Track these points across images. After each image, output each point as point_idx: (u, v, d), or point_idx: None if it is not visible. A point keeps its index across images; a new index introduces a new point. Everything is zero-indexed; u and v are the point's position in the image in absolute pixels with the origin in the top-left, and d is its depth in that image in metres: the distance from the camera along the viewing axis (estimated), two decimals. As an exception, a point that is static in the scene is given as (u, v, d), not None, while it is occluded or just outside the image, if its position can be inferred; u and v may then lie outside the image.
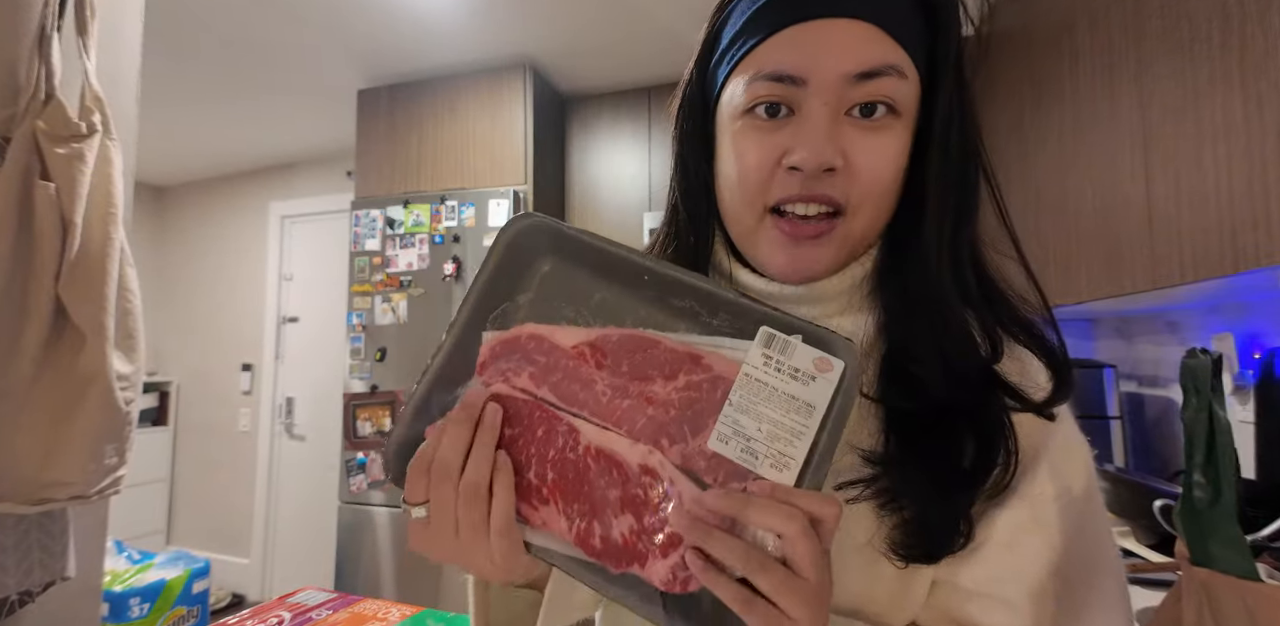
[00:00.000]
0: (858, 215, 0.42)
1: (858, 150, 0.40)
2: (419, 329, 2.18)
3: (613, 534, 0.36)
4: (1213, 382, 0.66)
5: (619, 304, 0.39)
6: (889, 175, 0.41)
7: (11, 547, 0.78)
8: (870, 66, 0.39)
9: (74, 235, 0.80)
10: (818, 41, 0.39)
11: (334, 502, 2.24)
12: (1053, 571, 0.40)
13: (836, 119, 0.40)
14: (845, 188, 0.41)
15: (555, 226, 0.40)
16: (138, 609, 1.51)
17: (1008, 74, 1.64)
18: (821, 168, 0.39)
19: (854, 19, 0.39)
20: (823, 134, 0.39)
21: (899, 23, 0.40)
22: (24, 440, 0.76)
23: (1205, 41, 0.91)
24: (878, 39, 0.39)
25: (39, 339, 0.78)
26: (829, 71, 0.39)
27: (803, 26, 0.40)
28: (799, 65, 0.39)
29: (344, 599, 0.79)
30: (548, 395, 0.38)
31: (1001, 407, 0.40)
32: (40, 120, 0.80)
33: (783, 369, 0.35)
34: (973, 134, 0.43)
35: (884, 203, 0.42)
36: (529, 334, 0.39)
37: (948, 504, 0.39)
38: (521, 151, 2.22)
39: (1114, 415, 1.56)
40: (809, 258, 0.42)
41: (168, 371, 3.54)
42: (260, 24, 2.03)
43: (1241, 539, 0.66)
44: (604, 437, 0.37)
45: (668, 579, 0.34)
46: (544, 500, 0.37)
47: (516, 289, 0.41)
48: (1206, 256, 0.91)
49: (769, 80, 0.40)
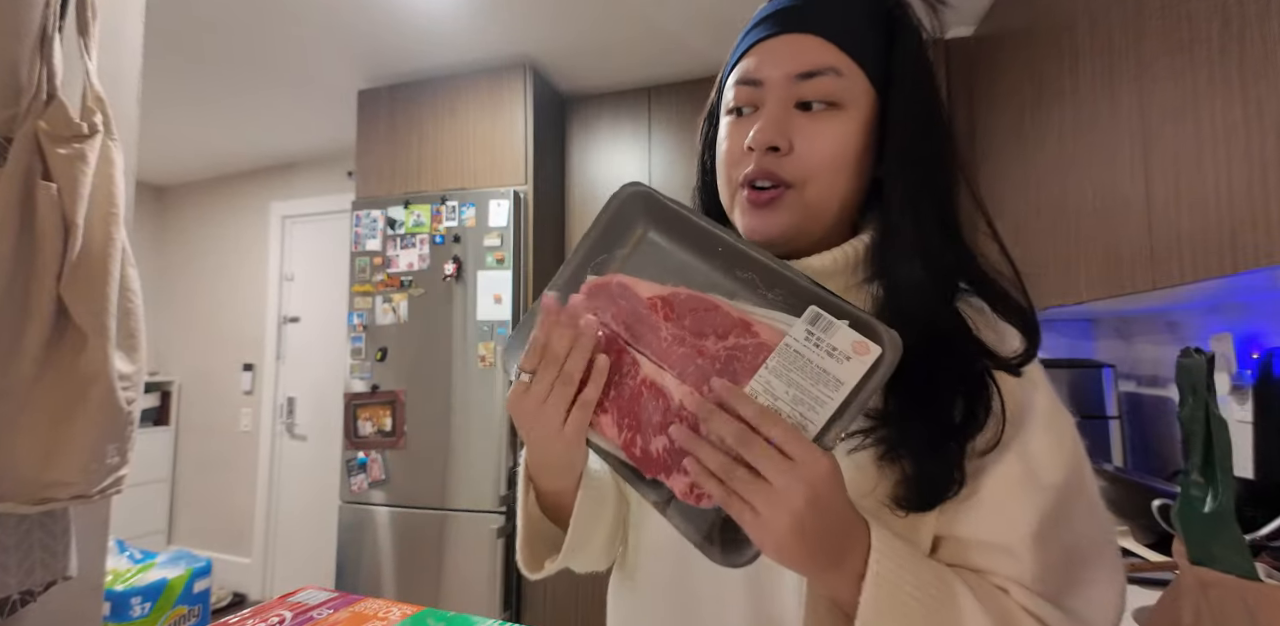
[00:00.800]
0: (806, 187, 0.50)
1: (801, 135, 0.49)
2: (419, 329, 2.19)
3: (650, 447, 0.44)
4: (1207, 382, 0.66)
5: (693, 268, 0.47)
6: (831, 153, 0.49)
7: (13, 547, 0.79)
8: (809, 68, 0.49)
9: (76, 235, 0.80)
10: (773, 52, 0.50)
11: (335, 502, 2.24)
12: (1048, 521, 0.44)
13: (786, 110, 0.49)
14: (789, 165, 0.49)
15: (655, 196, 0.48)
16: (139, 608, 1.51)
17: (1008, 74, 1.64)
18: (765, 146, 0.49)
19: (802, 33, 0.50)
20: (771, 121, 0.49)
21: (844, 34, 0.49)
22: (25, 440, 0.77)
23: (1205, 43, 0.91)
24: (819, 47, 0.49)
25: (41, 339, 0.78)
26: (777, 73, 0.50)
27: (765, 42, 0.51)
28: (758, 71, 0.51)
29: (345, 598, 0.79)
30: (622, 331, 0.47)
31: (986, 370, 0.46)
32: (42, 120, 0.80)
33: (821, 345, 0.40)
34: (930, 123, 0.50)
35: (833, 177, 0.50)
36: (618, 282, 0.48)
37: (941, 453, 0.44)
38: (522, 151, 2.22)
39: (1113, 415, 1.56)
40: (764, 218, 0.51)
41: (169, 371, 3.54)
42: (261, 24, 2.03)
43: (1240, 538, 0.66)
44: (658, 374, 0.45)
45: (685, 491, 0.43)
46: (604, 410, 0.46)
47: (616, 244, 0.50)
48: (1206, 257, 0.91)
49: (741, 84, 0.52)
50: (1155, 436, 1.60)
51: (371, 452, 2.19)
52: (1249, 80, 0.83)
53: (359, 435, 2.21)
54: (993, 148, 1.75)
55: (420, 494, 2.13)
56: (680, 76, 2.35)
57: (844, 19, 0.50)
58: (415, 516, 2.13)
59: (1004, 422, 0.45)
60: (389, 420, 2.18)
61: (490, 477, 2.06)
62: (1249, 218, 0.83)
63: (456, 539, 2.07)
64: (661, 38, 2.10)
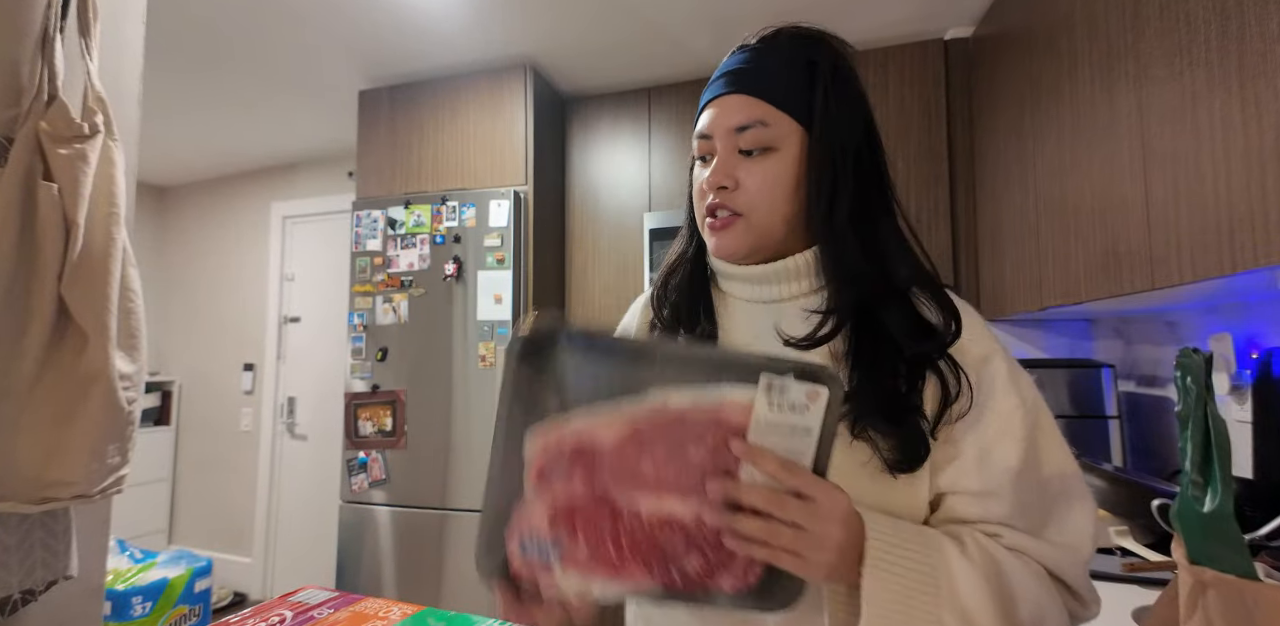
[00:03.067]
0: (752, 215, 0.61)
1: (745, 174, 0.61)
2: (420, 329, 2.19)
3: (687, 569, 0.48)
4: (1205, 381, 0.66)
5: (634, 375, 0.48)
6: (765, 187, 0.61)
7: (14, 546, 0.79)
8: (741, 122, 0.61)
9: (76, 235, 0.80)
10: (717, 111, 0.63)
11: (335, 502, 2.24)
12: (1024, 467, 0.55)
13: (732, 156, 0.62)
14: (737, 199, 0.61)
15: (542, 337, 0.48)
16: (140, 607, 1.51)
17: (1007, 74, 1.64)
18: (715, 186, 0.62)
19: (737, 94, 0.62)
20: (719, 166, 0.62)
21: (769, 90, 0.61)
22: (26, 440, 0.77)
23: (1204, 44, 0.91)
24: (752, 104, 0.61)
25: (42, 339, 0.78)
26: (721, 128, 0.62)
27: (714, 102, 0.64)
28: (709, 127, 0.63)
29: (345, 598, 0.79)
30: (604, 489, 0.48)
31: (939, 350, 0.56)
32: (43, 121, 0.81)
33: (783, 407, 0.46)
34: (843, 149, 0.60)
35: (771, 205, 0.61)
36: (572, 438, 0.47)
37: (901, 423, 0.54)
38: (522, 152, 2.22)
39: (1112, 415, 1.56)
40: (725, 240, 0.63)
41: (170, 371, 3.54)
42: (261, 25, 2.03)
43: (1239, 538, 0.66)
44: (660, 505, 0.47)
45: (734, 583, 0.48)
46: (625, 560, 0.47)
47: (537, 399, 0.48)
48: (1205, 256, 0.91)
49: (699, 138, 0.65)
50: (1154, 436, 1.60)
51: (372, 452, 2.19)
52: (1247, 80, 0.83)
53: (359, 435, 2.21)
54: (992, 148, 1.75)
55: (421, 493, 2.13)
56: (680, 76, 2.36)
57: (770, 77, 0.61)
58: (416, 516, 2.13)
59: (971, 391, 0.56)
60: (389, 420, 2.18)
61: (490, 477, 2.06)
62: (1248, 217, 0.83)
63: (457, 539, 2.08)
64: (661, 38, 2.10)
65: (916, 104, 1.98)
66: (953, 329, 0.57)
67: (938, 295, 0.59)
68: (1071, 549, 0.55)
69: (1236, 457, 1.10)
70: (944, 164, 1.93)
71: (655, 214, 2.28)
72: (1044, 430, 0.57)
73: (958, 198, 1.92)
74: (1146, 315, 1.60)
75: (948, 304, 0.59)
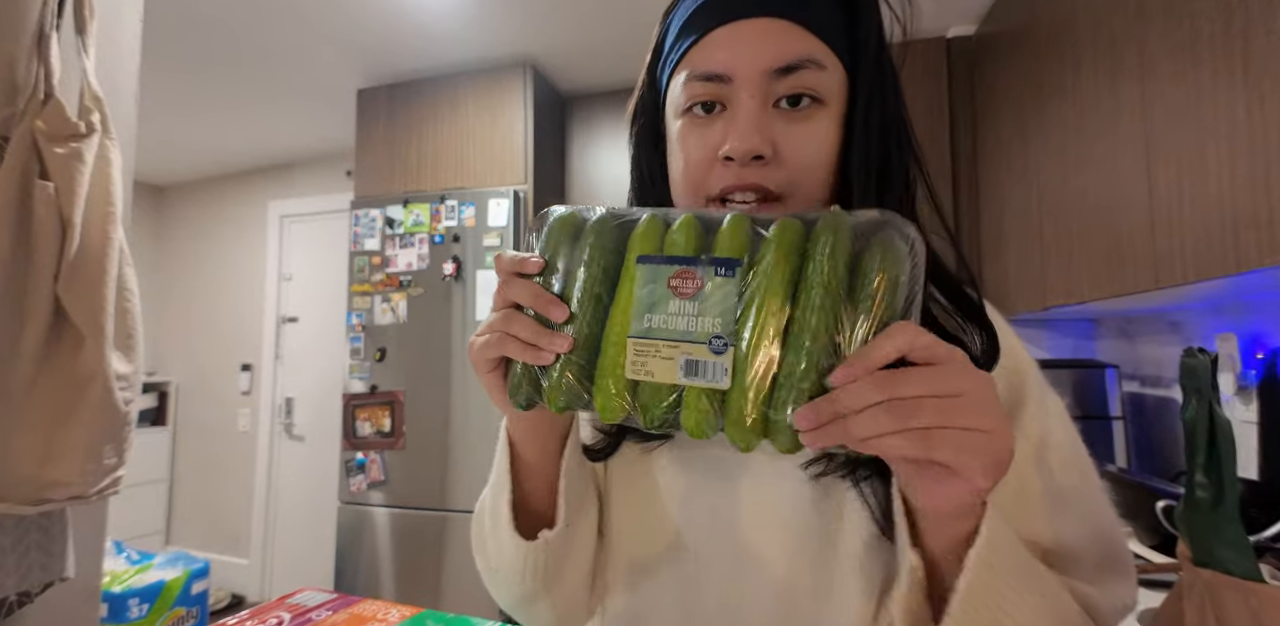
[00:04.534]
0: (792, 199, 0.44)
1: (785, 139, 0.43)
2: (419, 329, 2.18)
3: None
4: (1211, 382, 0.66)
5: None
6: (817, 160, 0.44)
7: (10, 548, 0.78)
8: (789, 61, 0.42)
9: (73, 235, 0.80)
10: (740, 40, 0.43)
11: (333, 503, 2.24)
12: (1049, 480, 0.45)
13: (764, 111, 0.43)
14: (776, 175, 0.43)
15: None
16: (137, 609, 1.50)
17: (1010, 73, 1.63)
18: (749, 155, 0.42)
19: (773, 17, 0.43)
20: (751, 125, 0.42)
21: (817, 17, 0.43)
22: (23, 440, 0.76)
23: (1208, 41, 0.91)
24: (796, 34, 0.43)
25: (38, 339, 0.77)
26: (751, 68, 0.42)
27: (728, 27, 0.44)
28: (725, 64, 0.43)
29: (343, 599, 0.79)
30: None
31: None
32: (39, 120, 0.80)
33: None
34: (894, 116, 0.45)
35: (816, 186, 0.45)
36: None
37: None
38: (521, 151, 2.22)
39: (1116, 415, 1.56)
40: None
41: (167, 371, 3.53)
42: (259, 23, 2.02)
43: (1244, 539, 0.66)
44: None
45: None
46: None
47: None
48: (1209, 256, 0.91)
49: (701, 80, 0.44)
50: (1159, 437, 1.60)
51: (370, 453, 2.18)
52: (1253, 77, 0.83)
53: (358, 435, 2.20)
54: (995, 147, 1.75)
55: (419, 494, 2.12)
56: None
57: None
58: (414, 517, 2.12)
59: None
60: (388, 420, 2.18)
61: (490, 478, 2.06)
62: (1253, 216, 0.83)
63: (456, 540, 2.07)
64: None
65: (919, 102, 1.98)
66: (989, 344, 0.44)
67: (973, 309, 0.45)
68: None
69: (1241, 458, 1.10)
70: (946, 162, 1.93)
71: (655, 213, 2.27)
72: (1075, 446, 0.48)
73: (960, 196, 1.91)
74: (1150, 315, 1.60)
75: (984, 320, 0.45)
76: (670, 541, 0.51)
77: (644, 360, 0.36)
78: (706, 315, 0.35)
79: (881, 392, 0.30)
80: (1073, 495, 0.46)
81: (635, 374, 0.36)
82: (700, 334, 0.35)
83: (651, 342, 0.36)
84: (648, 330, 0.36)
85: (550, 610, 0.52)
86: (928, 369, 0.30)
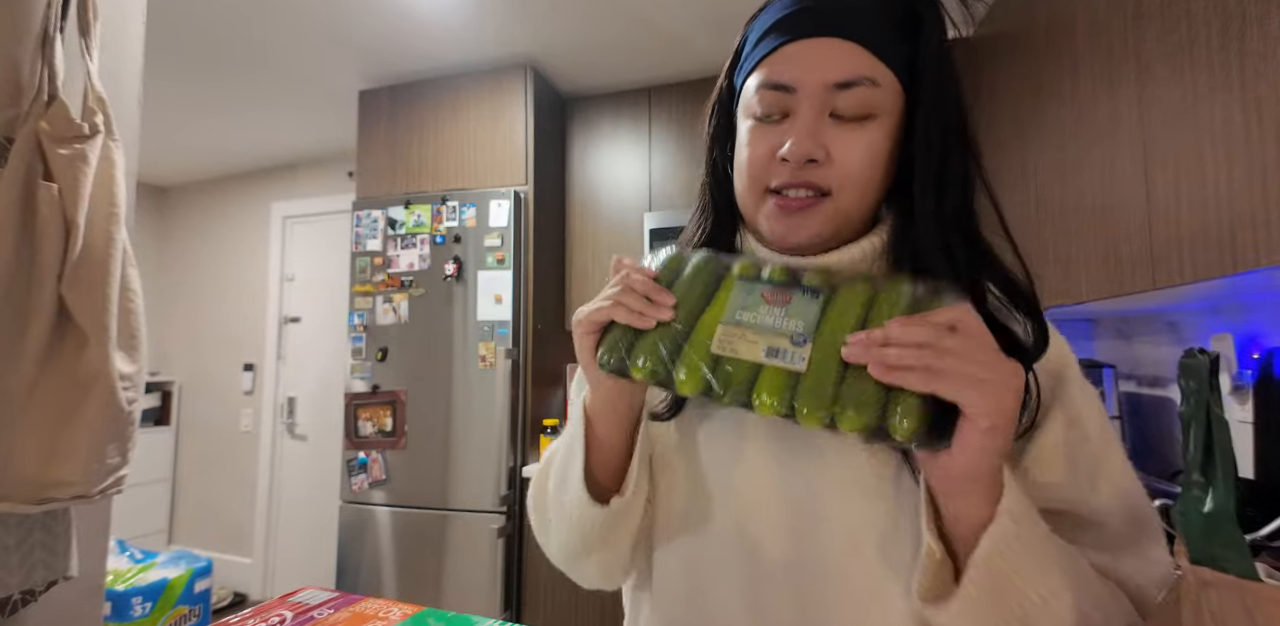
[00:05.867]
0: (841, 195, 0.50)
1: (838, 145, 0.49)
2: (420, 329, 2.19)
3: None
4: (1210, 382, 0.66)
5: None
6: (865, 163, 0.49)
7: (14, 547, 0.79)
8: (846, 78, 0.48)
9: (76, 235, 0.80)
10: (807, 57, 0.49)
11: (335, 502, 2.24)
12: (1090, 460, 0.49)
13: (821, 119, 0.49)
14: (828, 174, 0.49)
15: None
16: (140, 608, 1.51)
17: (1008, 75, 1.64)
18: (803, 159, 0.48)
19: (837, 38, 0.48)
20: (807, 132, 0.48)
21: (878, 38, 0.48)
22: (26, 440, 0.77)
23: (1205, 43, 0.91)
24: (856, 54, 0.48)
25: (41, 339, 0.78)
26: (814, 82, 0.48)
27: (797, 44, 0.49)
28: (791, 77, 0.49)
29: (345, 598, 0.79)
30: None
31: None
32: (43, 121, 0.80)
33: None
34: (954, 125, 0.49)
35: (866, 185, 0.50)
36: None
37: None
38: (522, 152, 2.22)
39: (1114, 415, 1.56)
40: (797, 224, 0.51)
41: (170, 371, 3.54)
42: (262, 25, 2.03)
43: (1240, 538, 0.66)
44: None
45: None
46: None
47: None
48: (1206, 256, 0.91)
49: (770, 89, 0.50)
50: (1156, 437, 1.60)
51: (372, 452, 2.19)
52: (1249, 80, 0.83)
53: (359, 435, 2.21)
54: (994, 149, 1.75)
55: (421, 494, 2.13)
56: (680, 76, 2.36)
57: (876, 21, 0.49)
58: (416, 516, 2.13)
59: (1038, 406, 0.48)
60: (389, 420, 2.18)
61: (491, 478, 2.06)
62: (1249, 217, 0.83)
63: (457, 539, 2.07)
64: (661, 38, 2.10)
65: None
66: (1040, 340, 0.49)
67: (1028, 303, 0.49)
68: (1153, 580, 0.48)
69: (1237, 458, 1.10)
70: (944, 164, 1.93)
71: (656, 214, 2.27)
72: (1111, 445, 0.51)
73: (958, 198, 1.91)
74: (1148, 315, 1.60)
75: (1037, 314, 0.49)
76: (728, 500, 0.54)
77: (731, 341, 0.43)
78: (792, 317, 0.43)
79: (917, 337, 0.38)
80: (1106, 466, 0.49)
81: (721, 350, 0.43)
82: (785, 330, 0.43)
83: (740, 329, 0.44)
84: (738, 321, 0.44)
85: (599, 566, 0.58)
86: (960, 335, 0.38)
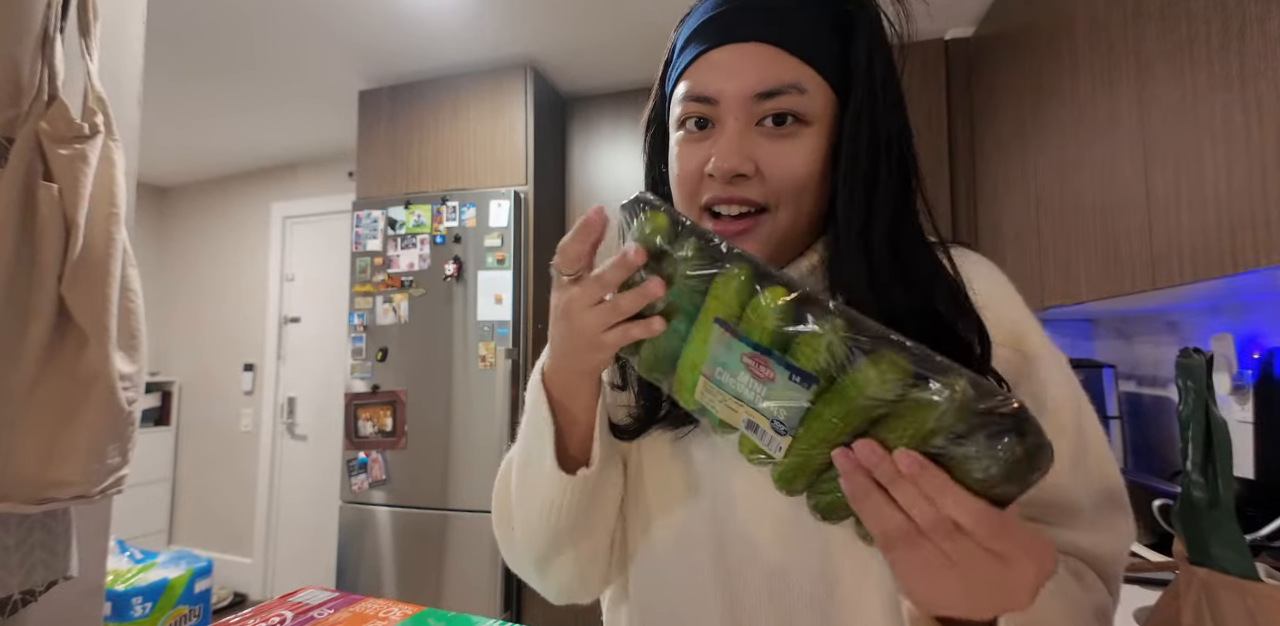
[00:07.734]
0: (779, 211, 0.47)
1: (767, 156, 0.45)
2: (420, 329, 2.19)
3: None
4: (1206, 381, 0.66)
5: None
6: (800, 175, 0.46)
7: (14, 547, 0.79)
8: (770, 86, 0.44)
9: (76, 236, 0.80)
10: (728, 66, 0.46)
11: (335, 502, 2.24)
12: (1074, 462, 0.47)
13: (747, 131, 0.46)
14: (759, 189, 0.46)
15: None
16: (140, 608, 1.51)
17: (1008, 74, 1.64)
18: (729, 174, 0.45)
19: (762, 43, 0.45)
20: (732, 146, 0.45)
21: (803, 42, 0.45)
22: (27, 440, 0.77)
23: (1205, 42, 0.91)
24: (779, 60, 0.45)
25: (42, 339, 0.78)
26: (735, 92, 0.45)
27: (719, 52, 0.46)
28: (712, 87, 0.46)
29: (345, 598, 0.79)
30: None
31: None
32: (43, 121, 0.80)
33: None
34: (887, 135, 0.46)
35: (803, 199, 0.47)
36: None
37: None
38: (522, 152, 2.22)
39: (1113, 415, 1.56)
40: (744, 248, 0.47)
41: (170, 371, 3.54)
42: (262, 25, 2.03)
43: (1240, 538, 0.66)
44: None
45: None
46: None
47: None
48: (1206, 256, 0.91)
49: (693, 101, 0.47)
50: (1155, 436, 1.60)
51: (372, 452, 2.19)
52: (1249, 79, 0.83)
53: (359, 435, 2.21)
54: (993, 148, 1.75)
55: (421, 494, 2.13)
56: (680, 77, 2.35)
57: (803, 22, 0.45)
58: (416, 516, 2.13)
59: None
60: (389, 420, 2.18)
61: (490, 478, 2.06)
62: (1249, 217, 0.83)
63: (457, 539, 2.08)
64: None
65: (917, 104, 1.97)
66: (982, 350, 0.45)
67: (962, 309, 0.46)
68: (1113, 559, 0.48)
69: (1237, 458, 1.10)
70: (944, 164, 1.93)
71: (655, 214, 2.27)
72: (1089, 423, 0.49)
73: (958, 197, 1.92)
74: (1147, 315, 1.60)
75: (978, 326, 0.46)
76: (706, 513, 0.52)
77: (711, 397, 0.38)
78: (774, 401, 0.35)
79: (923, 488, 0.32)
80: (1083, 450, 0.48)
81: (702, 399, 0.39)
82: (766, 411, 0.36)
83: (720, 392, 0.38)
84: (719, 382, 0.37)
85: (574, 564, 0.53)
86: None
